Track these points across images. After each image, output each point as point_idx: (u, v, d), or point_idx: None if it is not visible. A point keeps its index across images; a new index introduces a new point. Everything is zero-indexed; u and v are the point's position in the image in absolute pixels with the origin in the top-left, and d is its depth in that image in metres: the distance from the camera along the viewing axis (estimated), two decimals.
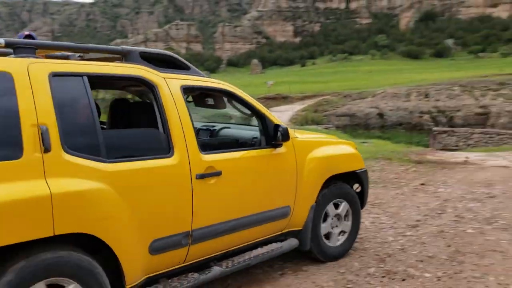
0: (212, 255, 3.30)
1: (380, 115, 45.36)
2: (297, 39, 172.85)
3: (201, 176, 3.03)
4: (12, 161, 2.21)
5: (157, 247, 2.84)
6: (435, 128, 24.12)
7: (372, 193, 7.20)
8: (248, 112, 3.73)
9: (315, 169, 3.90)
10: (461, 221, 5.50)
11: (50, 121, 2.39)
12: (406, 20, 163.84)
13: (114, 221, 2.59)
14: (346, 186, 4.30)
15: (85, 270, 2.44)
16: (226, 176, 3.19)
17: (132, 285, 2.74)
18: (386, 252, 4.43)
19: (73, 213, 2.40)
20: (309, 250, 4.01)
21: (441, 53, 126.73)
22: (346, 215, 4.30)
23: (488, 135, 21.41)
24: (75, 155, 2.46)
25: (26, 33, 3.06)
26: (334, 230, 4.22)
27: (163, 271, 2.98)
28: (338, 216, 4.23)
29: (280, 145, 3.63)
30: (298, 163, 3.78)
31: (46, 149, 2.32)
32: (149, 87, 3.00)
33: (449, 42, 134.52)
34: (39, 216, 2.26)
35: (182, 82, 3.19)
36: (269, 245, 3.70)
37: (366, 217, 5.76)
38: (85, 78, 2.67)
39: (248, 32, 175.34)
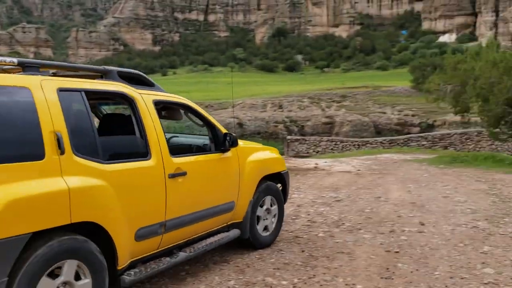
0: (177, 243, 3.85)
1: (240, 124, 47.00)
2: (157, 48, 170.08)
3: (172, 176, 3.62)
4: (37, 161, 2.67)
5: (141, 235, 3.35)
6: (288, 137, 25.76)
7: None
8: (201, 122, 4.38)
9: (253, 170, 4.64)
10: (313, 226, 5.81)
11: (62, 128, 2.84)
12: (260, 35, 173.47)
13: (112, 212, 3.08)
14: (273, 185, 5.03)
15: (92, 253, 2.92)
16: (190, 175, 3.80)
17: (121, 267, 3.19)
18: (245, 263, 4.41)
19: (84, 205, 2.90)
20: (247, 239, 4.64)
21: (292, 68, 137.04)
22: (273, 209, 5.01)
23: (333, 143, 23.66)
24: (81, 157, 2.94)
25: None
26: (265, 222, 4.90)
27: (142, 256, 3.48)
28: (268, 210, 4.93)
29: (228, 150, 4.32)
30: (240, 165, 4.50)
31: (62, 152, 2.79)
32: (129, 102, 3.54)
33: (299, 57, 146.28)
34: (61, 207, 2.74)
35: (153, 97, 3.76)
36: (219, 235, 4.34)
37: None
38: (83, 93, 3.17)
39: (105, 38, 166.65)
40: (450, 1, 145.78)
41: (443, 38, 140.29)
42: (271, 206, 4.96)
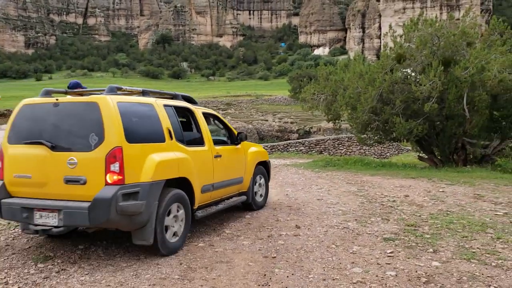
0: (217, 199, 6.21)
1: None
2: (30, 51, 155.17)
3: (215, 156, 6.02)
4: (162, 143, 5.01)
5: (203, 190, 5.64)
6: None
7: None
8: (222, 127, 7.00)
9: (252, 158, 7.17)
10: (193, 236, 5.67)
11: (169, 126, 5.19)
12: (144, 41, 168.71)
13: (193, 173, 5.35)
14: (262, 168, 7.60)
15: (185, 198, 5.21)
16: (223, 157, 6.20)
17: (195, 207, 5.50)
18: (118, 281, 4.10)
19: (182, 167, 5.18)
20: (250, 203, 7.10)
21: (178, 75, 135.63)
22: (263, 184, 7.60)
23: None
24: (178, 142, 5.27)
25: (76, 80, 5.97)
26: (259, 192, 7.45)
27: (203, 203, 5.77)
28: (260, 184, 7.48)
29: (239, 144, 6.86)
30: (245, 154, 7.01)
31: (171, 138, 5.14)
32: (191, 113, 6.04)
33: (185, 65, 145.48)
34: (175, 167, 5.07)
35: (201, 110, 6.30)
36: (235, 198, 6.76)
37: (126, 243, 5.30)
38: (173, 108, 5.56)
39: None
40: (323, 17, 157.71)
41: (318, 51, 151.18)
42: (262, 181, 7.57)
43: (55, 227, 4.57)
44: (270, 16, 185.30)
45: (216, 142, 6.32)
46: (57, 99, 4.88)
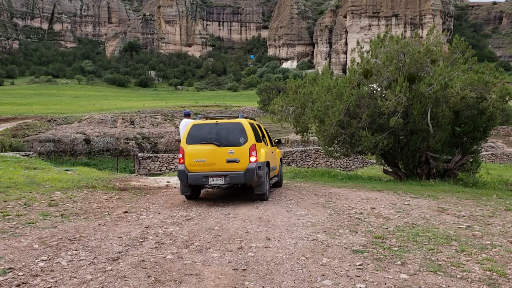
0: (271, 176, 10.74)
1: (87, 140, 43.77)
2: None
3: (271, 152, 10.77)
4: (261, 143, 9.84)
5: (272, 169, 10.48)
6: (140, 154, 24.78)
7: (73, 227, 6.56)
8: (267, 135, 11.27)
9: (279, 155, 12.32)
10: (161, 248, 5.54)
11: (261, 134, 10.27)
12: (111, 48, 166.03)
13: (270, 159, 10.24)
14: (281, 162, 12.69)
15: (269, 172, 10.32)
16: (273, 153, 11.18)
17: (270, 178, 10.60)
18: None
19: (268, 156, 10.01)
20: (279, 181, 11.81)
21: (145, 83, 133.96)
22: (282, 172, 12.52)
23: None
24: (259, 143, 9.60)
25: (187, 110, 13.11)
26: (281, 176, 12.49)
27: (270, 177, 10.43)
28: (281, 172, 12.28)
29: (276, 146, 12.20)
30: (277, 153, 12.06)
31: (261, 141, 9.97)
32: (259, 127, 10.53)
33: (152, 73, 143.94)
34: (267, 155, 10.04)
35: (257, 123, 10.54)
36: (274, 178, 11.27)
37: (63, 256, 5.11)
38: (249, 123, 9.64)
39: None
40: (291, 31, 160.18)
41: (286, 64, 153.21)
42: (281, 170, 12.24)
43: (222, 185, 9.02)
44: (239, 28, 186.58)
45: (275, 143, 12.06)
46: (217, 122, 9.37)
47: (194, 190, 9.62)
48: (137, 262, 4.94)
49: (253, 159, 8.90)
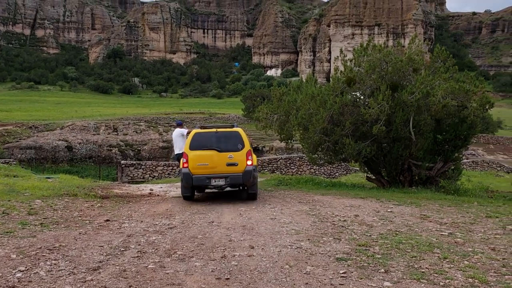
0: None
1: (69, 148, 43.17)
2: None
3: (250, 154, 10.68)
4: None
5: (256, 170, 11.14)
6: (123, 162, 24.49)
7: (52, 236, 6.40)
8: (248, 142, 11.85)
9: (255, 159, 11.88)
10: (143, 257, 5.45)
11: (247, 142, 10.84)
12: (95, 55, 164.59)
13: (256, 162, 11.68)
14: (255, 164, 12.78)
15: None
16: (253, 157, 10.85)
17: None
18: None
19: (255, 159, 11.12)
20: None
21: (129, 90, 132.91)
22: (257, 174, 12.17)
23: (171, 167, 23.34)
24: (252, 150, 11.15)
25: (180, 120, 14.01)
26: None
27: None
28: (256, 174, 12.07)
29: (253, 150, 13.05)
30: (254, 156, 11.81)
31: (249, 147, 10.67)
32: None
33: (136, 80, 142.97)
34: (255, 159, 11.43)
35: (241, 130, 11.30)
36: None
37: (42, 266, 4.98)
38: (242, 131, 10.96)
39: None
40: (276, 39, 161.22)
41: (270, 72, 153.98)
42: (256, 173, 11.68)
43: (223, 185, 10.33)
44: (224, 35, 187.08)
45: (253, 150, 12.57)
46: (217, 130, 10.59)
47: (193, 192, 10.81)
48: (118, 271, 4.84)
49: (249, 162, 10.25)
